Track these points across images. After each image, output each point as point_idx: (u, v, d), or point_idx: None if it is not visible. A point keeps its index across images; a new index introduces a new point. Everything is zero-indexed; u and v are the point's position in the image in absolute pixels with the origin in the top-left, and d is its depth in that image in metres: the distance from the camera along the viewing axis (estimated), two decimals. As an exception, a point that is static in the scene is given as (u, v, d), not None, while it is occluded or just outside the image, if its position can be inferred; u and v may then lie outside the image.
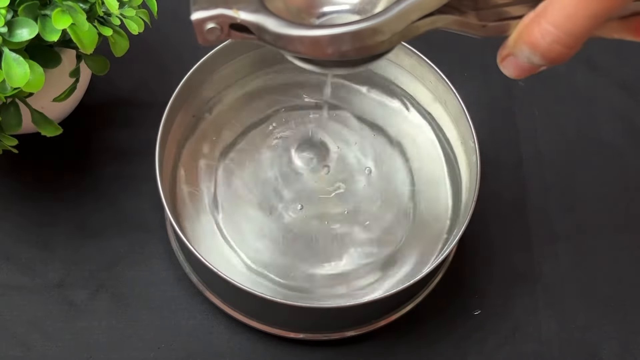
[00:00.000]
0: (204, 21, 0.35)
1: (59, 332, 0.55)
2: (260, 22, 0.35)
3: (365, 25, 0.34)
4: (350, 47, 0.34)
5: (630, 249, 0.60)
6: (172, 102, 0.55)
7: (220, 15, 0.35)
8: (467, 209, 0.52)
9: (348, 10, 0.38)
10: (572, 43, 0.33)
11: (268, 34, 0.35)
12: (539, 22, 0.33)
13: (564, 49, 0.33)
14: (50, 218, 0.58)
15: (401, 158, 0.60)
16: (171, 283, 0.57)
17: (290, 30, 0.34)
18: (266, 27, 0.34)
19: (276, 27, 0.34)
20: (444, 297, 0.57)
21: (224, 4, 0.35)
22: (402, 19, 0.34)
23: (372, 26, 0.34)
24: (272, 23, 0.34)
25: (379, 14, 0.34)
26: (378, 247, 0.57)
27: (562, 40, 0.33)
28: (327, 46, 0.34)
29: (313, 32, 0.34)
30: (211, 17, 0.35)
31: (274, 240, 0.56)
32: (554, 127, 0.64)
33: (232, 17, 0.35)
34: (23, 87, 0.46)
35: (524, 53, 0.34)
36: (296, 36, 0.34)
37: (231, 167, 0.59)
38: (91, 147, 0.61)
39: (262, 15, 0.35)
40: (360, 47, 0.34)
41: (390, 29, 0.34)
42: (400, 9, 0.34)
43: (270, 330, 0.55)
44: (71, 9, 0.46)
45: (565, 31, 0.32)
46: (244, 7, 0.35)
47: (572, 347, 0.56)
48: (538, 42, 0.33)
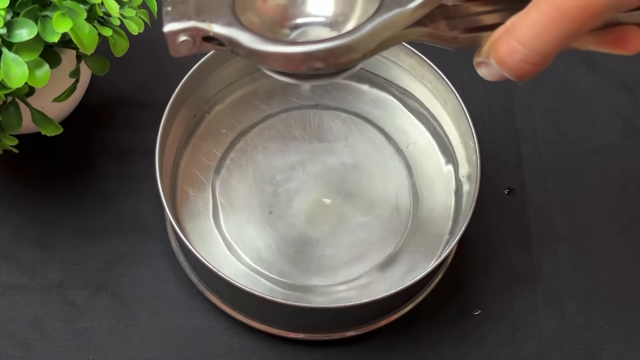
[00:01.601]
0: (177, 33, 0.35)
1: (59, 332, 0.55)
2: (234, 36, 0.34)
3: (339, 43, 0.34)
4: (324, 63, 0.34)
5: (630, 249, 0.60)
6: (172, 102, 0.55)
7: (193, 28, 0.35)
8: (467, 209, 0.52)
9: (321, 22, 0.37)
10: (540, 61, 0.33)
11: (241, 49, 0.35)
12: (507, 39, 0.33)
13: (532, 66, 0.33)
14: (50, 218, 0.58)
15: (401, 158, 0.60)
16: (171, 283, 0.57)
17: (263, 46, 0.34)
18: (239, 42, 0.34)
19: (249, 42, 0.34)
20: (444, 297, 0.57)
21: (197, 16, 0.35)
22: (375, 36, 0.34)
23: (345, 44, 0.34)
24: (245, 38, 0.34)
25: (352, 32, 0.34)
26: (378, 247, 0.57)
27: (529, 59, 0.33)
28: (301, 62, 0.34)
29: (286, 49, 0.34)
30: (184, 29, 0.35)
31: (274, 240, 0.56)
32: (554, 127, 0.64)
33: (205, 30, 0.35)
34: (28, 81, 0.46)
35: (495, 66, 0.34)
36: (270, 52, 0.34)
37: (231, 167, 0.59)
38: (91, 147, 0.61)
39: (235, 29, 0.34)
40: (334, 63, 0.34)
41: (362, 46, 0.34)
42: (372, 27, 0.34)
43: (270, 330, 0.55)
44: (71, 11, 0.46)
45: (533, 50, 0.32)
46: (217, 19, 0.35)
47: (572, 347, 0.56)
48: (506, 59, 0.33)
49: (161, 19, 0.55)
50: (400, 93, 0.61)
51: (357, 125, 0.61)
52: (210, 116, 0.60)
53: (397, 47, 0.58)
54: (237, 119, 0.60)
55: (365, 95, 0.62)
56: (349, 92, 0.62)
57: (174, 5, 0.35)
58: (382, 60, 0.60)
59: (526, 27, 0.32)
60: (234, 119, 0.60)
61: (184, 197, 0.57)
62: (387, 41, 0.35)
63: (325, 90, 0.62)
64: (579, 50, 0.71)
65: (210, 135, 0.60)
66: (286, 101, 0.61)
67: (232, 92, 0.61)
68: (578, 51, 0.71)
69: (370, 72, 0.61)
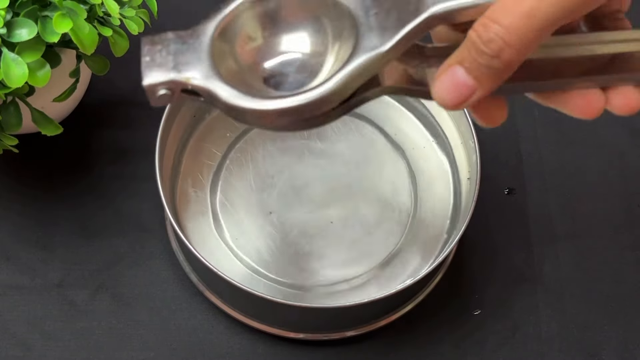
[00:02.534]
0: (156, 86, 0.35)
1: (59, 332, 0.55)
2: (212, 89, 0.35)
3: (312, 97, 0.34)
4: (298, 117, 0.35)
5: (630, 249, 0.60)
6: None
7: (171, 81, 0.35)
8: (467, 209, 0.52)
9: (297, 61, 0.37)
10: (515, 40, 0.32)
11: (219, 103, 0.35)
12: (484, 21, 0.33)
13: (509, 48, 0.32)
14: (50, 218, 0.58)
15: (401, 158, 0.60)
16: (171, 283, 0.57)
17: (242, 102, 0.34)
18: (217, 96, 0.35)
19: (228, 97, 0.34)
20: (444, 297, 0.57)
21: (175, 69, 0.35)
22: (348, 85, 0.34)
23: (318, 97, 0.34)
24: (223, 92, 0.34)
25: (324, 83, 0.34)
26: (378, 247, 0.57)
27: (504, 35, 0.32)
28: (277, 118, 0.34)
29: (262, 106, 0.34)
30: (162, 82, 0.35)
31: (274, 240, 0.56)
32: (554, 127, 0.64)
33: (182, 83, 0.35)
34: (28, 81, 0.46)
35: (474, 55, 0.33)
36: (248, 108, 0.34)
37: (231, 167, 0.59)
38: (91, 147, 0.61)
39: (213, 81, 0.35)
40: (309, 116, 0.35)
41: (337, 96, 0.34)
42: (344, 77, 0.34)
43: (270, 330, 0.55)
44: (71, 12, 0.46)
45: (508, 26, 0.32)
46: (195, 72, 0.35)
47: (572, 347, 0.56)
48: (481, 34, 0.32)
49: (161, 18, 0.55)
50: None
51: (357, 125, 0.61)
52: (210, 116, 0.60)
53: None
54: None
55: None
56: (349, 92, 0.62)
57: (152, 55, 0.36)
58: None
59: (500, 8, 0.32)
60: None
61: (184, 197, 0.57)
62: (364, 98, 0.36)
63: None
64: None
65: (210, 135, 0.60)
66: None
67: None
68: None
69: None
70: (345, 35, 0.35)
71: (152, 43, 0.36)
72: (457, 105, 0.35)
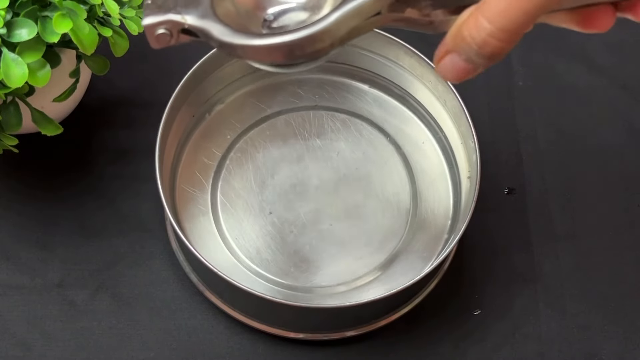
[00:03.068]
0: (154, 26, 0.36)
1: (59, 332, 0.55)
2: (206, 28, 0.36)
3: (303, 34, 0.34)
4: (290, 54, 0.35)
5: (630, 249, 0.60)
6: (172, 101, 0.55)
7: (168, 20, 0.36)
8: (467, 209, 0.52)
9: (296, 8, 0.38)
10: (506, 38, 0.33)
11: (213, 40, 0.36)
12: (476, 16, 0.33)
13: (499, 43, 0.33)
14: (50, 218, 0.58)
15: (401, 158, 0.60)
16: (171, 283, 0.57)
17: (232, 39, 0.35)
18: (211, 34, 0.36)
19: (220, 34, 0.35)
20: (444, 297, 0.57)
21: (173, 9, 0.36)
22: (342, 25, 0.35)
23: (310, 35, 0.34)
24: (217, 30, 0.35)
25: (317, 22, 0.34)
26: (378, 247, 0.57)
27: (495, 35, 0.33)
28: (266, 54, 0.35)
29: (253, 42, 0.35)
30: (160, 22, 0.36)
31: (274, 240, 0.56)
32: (554, 127, 0.64)
33: (179, 23, 0.36)
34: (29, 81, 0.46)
35: (462, 48, 0.34)
36: (238, 44, 0.35)
37: (231, 167, 0.59)
38: (91, 147, 0.61)
39: (208, 21, 0.36)
40: (300, 54, 0.35)
41: (329, 36, 0.35)
42: (338, 16, 0.34)
43: (270, 330, 0.55)
44: (71, 12, 0.46)
45: (499, 26, 0.33)
46: (192, 12, 0.36)
47: (572, 347, 0.56)
48: (474, 34, 0.33)
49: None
50: (400, 93, 0.61)
51: (357, 126, 0.61)
52: (210, 116, 0.60)
53: (397, 47, 0.58)
54: (237, 119, 0.60)
55: (365, 95, 0.62)
56: (349, 92, 0.62)
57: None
58: (382, 60, 0.60)
59: (493, 4, 0.32)
60: (234, 119, 0.60)
61: (184, 197, 0.57)
62: (358, 28, 0.35)
63: (325, 90, 0.62)
64: (579, 50, 0.71)
65: (210, 135, 0.60)
66: (286, 101, 0.61)
67: (232, 92, 0.61)
68: (578, 51, 0.71)
69: (370, 72, 0.61)
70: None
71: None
72: (462, 80, 0.36)
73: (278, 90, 0.61)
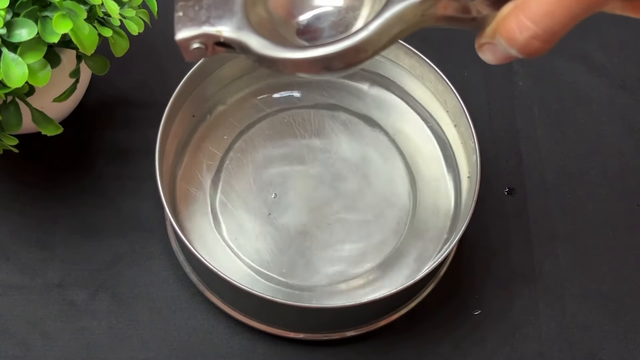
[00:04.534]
0: (188, 40, 0.35)
1: (59, 332, 0.55)
2: (244, 41, 0.34)
3: (346, 46, 0.33)
4: (332, 66, 0.34)
5: (631, 249, 0.60)
6: (172, 102, 0.55)
7: (203, 34, 0.35)
8: (467, 209, 0.52)
9: (331, 13, 0.37)
10: (549, 38, 0.33)
11: (251, 54, 0.35)
12: (517, 15, 0.32)
13: (542, 44, 0.33)
14: (50, 218, 0.58)
15: (401, 158, 0.60)
16: (171, 283, 0.57)
17: (272, 52, 0.34)
18: (249, 47, 0.34)
19: (259, 48, 0.34)
20: (444, 297, 0.57)
21: (207, 22, 0.35)
22: (383, 34, 0.34)
23: (352, 46, 0.33)
24: (255, 43, 0.34)
25: (359, 32, 0.33)
26: (378, 247, 0.57)
27: (539, 37, 0.32)
28: (308, 67, 0.34)
29: (294, 55, 0.34)
30: (195, 36, 0.35)
31: (274, 240, 0.56)
32: (554, 127, 0.64)
33: (215, 36, 0.35)
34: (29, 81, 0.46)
35: (502, 45, 0.34)
36: (279, 58, 0.34)
37: (231, 167, 0.59)
38: (91, 147, 0.61)
39: (245, 33, 0.34)
40: (342, 66, 0.34)
41: (371, 45, 0.34)
42: (379, 25, 0.33)
43: (270, 330, 0.55)
44: (71, 12, 0.46)
45: (543, 28, 0.32)
46: (227, 24, 0.35)
47: (572, 347, 0.56)
48: (516, 36, 0.33)
49: (161, 18, 0.55)
50: (400, 93, 0.61)
51: (357, 125, 0.61)
52: (210, 116, 0.60)
53: (396, 47, 0.58)
54: (237, 119, 0.60)
55: (366, 95, 0.62)
56: (349, 91, 0.62)
57: (185, 10, 0.35)
58: (382, 60, 0.60)
59: (537, 5, 0.32)
60: (234, 119, 0.60)
61: (184, 197, 0.57)
62: (400, 33, 0.34)
63: (325, 90, 0.62)
64: (579, 50, 0.71)
65: (210, 135, 0.60)
66: (286, 101, 0.61)
67: (232, 92, 0.61)
68: (578, 51, 0.71)
69: (370, 71, 0.61)
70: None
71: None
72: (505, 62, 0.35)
73: (278, 90, 0.61)
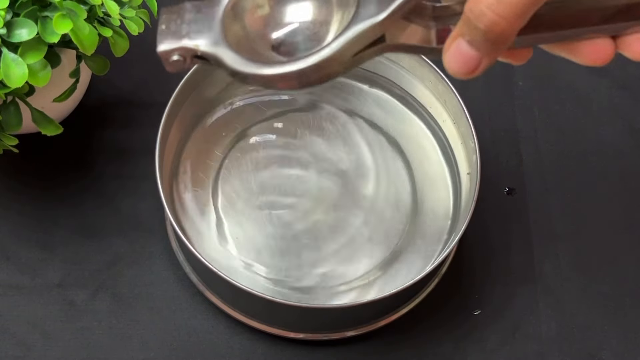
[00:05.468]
0: (169, 53, 0.38)
1: (59, 332, 0.55)
2: (219, 56, 0.37)
3: (309, 64, 0.36)
4: (300, 82, 0.37)
5: (631, 249, 0.60)
6: (172, 102, 0.55)
7: (182, 47, 0.37)
8: (467, 209, 0.52)
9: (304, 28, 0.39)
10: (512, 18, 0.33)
11: (225, 68, 0.37)
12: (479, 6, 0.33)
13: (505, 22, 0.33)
14: (50, 218, 0.58)
15: (401, 158, 0.60)
16: (171, 283, 0.57)
17: (243, 67, 0.37)
18: (223, 62, 0.37)
19: (232, 63, 0.37)
20: (444, 297, 0.57)
21: (187, 36, 0.38)
22: (345, 53, 0.36)
23: (315, 64, 0.36)
24: (229, 58, 0.37)
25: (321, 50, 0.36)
26: (378, 247, 0.57)
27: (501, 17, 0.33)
28: (278, 82, 0.37)
29: (263, 71, 0.36)
30: (174, 49, 0.38)
31: (274, 240, 0.56)
32: (554, 127, 0.64)
33: (193, 50, 0.37)
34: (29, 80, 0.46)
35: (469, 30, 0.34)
36: (249, 73, 0.37)
37: (231, 166, 0.59)
38: (91, 147, 0.61)
39: (220, 48, 0.37)
40: (306, 82, 0.37)
41: (336, 62, 0.36)
42: (341, 43, 0.35)
43: (270, 330, 0.55)
44: (71, 12, 0.46)
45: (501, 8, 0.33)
46: (205, 38, 0.37)
47: (572, 347, 0.56)
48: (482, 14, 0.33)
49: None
50: (401, 93, 0.61)
51: (357, 126, 0.61)
52: (210, 116, 0.60)
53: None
54: (237, 119, 0.60)
55: (366, 95, 0.62)
56: (349, 92, 0.62)
57: (168, 23, 0.38)
58: (382, 60, 0.60)
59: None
60: (234, 119, 0.60)
61: (184, 197, 0.57)
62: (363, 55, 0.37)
63: (325, 90, 0.62)
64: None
65: (211, 135, 0.60)
66: (286, 101, 0.61)
67: (232, 92, 0.61)
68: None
69: (370, 72, 0.61)
70: (350, 4, 0.37)
71: (169, 12, 0.38)
72: (468, 74, 0.36)
73: (278, 90, 0.61)
